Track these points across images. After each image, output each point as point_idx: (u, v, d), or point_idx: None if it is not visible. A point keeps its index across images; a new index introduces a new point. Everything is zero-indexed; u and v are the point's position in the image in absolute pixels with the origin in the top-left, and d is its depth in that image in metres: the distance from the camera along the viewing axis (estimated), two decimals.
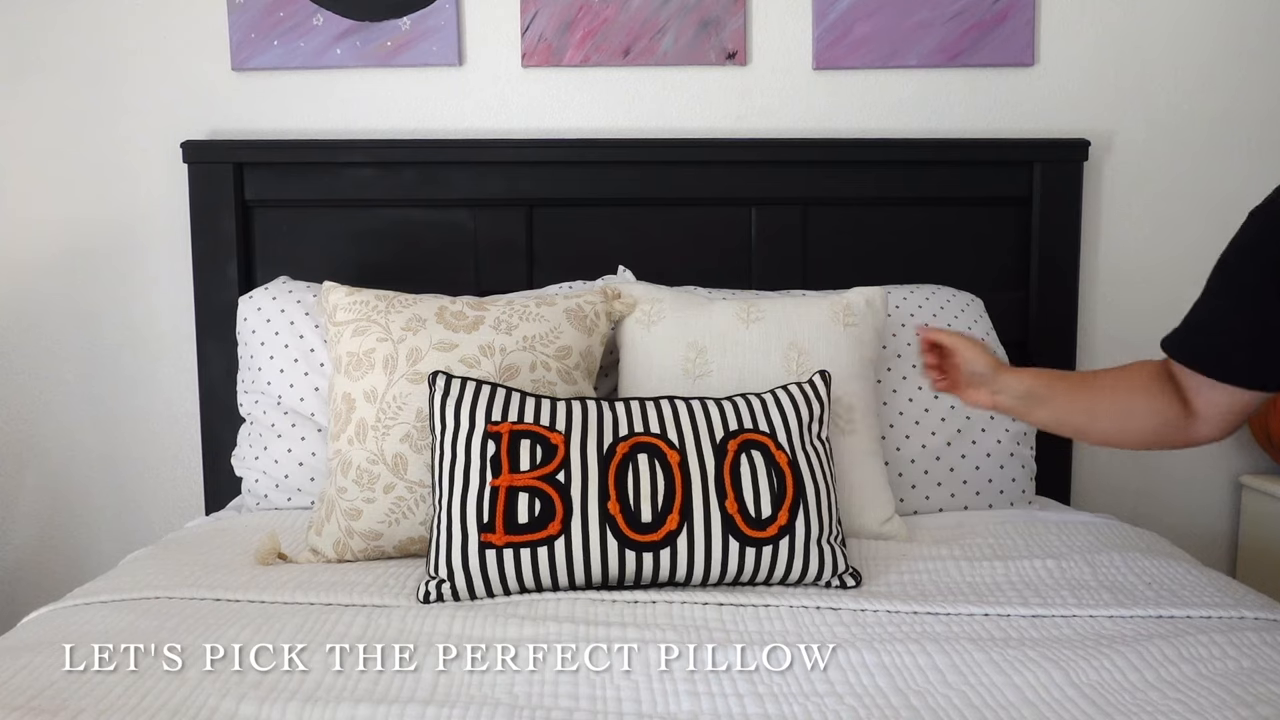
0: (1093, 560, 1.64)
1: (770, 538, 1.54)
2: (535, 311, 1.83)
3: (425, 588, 1.51)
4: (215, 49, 2.27)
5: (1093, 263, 2.35)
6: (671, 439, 1.58)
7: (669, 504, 1.52)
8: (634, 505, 1.51)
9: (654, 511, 1.51)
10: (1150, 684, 1.22)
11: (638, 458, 1.55)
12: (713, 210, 2.27)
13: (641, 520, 1.51)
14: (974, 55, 2.28)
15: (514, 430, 1.56)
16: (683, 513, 1.52)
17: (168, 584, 1.55)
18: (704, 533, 1.52)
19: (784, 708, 1.17)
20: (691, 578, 1.53)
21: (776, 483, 1.57)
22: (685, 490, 1.53)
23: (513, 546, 1.50)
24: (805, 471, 1.60)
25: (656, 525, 1.51)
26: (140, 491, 2.36)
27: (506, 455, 1.53)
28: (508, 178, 2.24)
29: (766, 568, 1.54)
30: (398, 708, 1.14)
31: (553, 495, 1.51)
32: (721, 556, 1.52)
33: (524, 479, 1.52)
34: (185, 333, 2.30)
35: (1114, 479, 2.40)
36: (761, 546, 1.53)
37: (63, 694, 1.18)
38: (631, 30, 2.26)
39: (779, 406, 1.66)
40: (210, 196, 2.21)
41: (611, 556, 1.50)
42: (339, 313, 1.83)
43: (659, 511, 1.51)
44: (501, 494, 1.51)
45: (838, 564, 1.57)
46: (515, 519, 1.50)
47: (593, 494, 1.51)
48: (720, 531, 1.53)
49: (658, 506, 1.52)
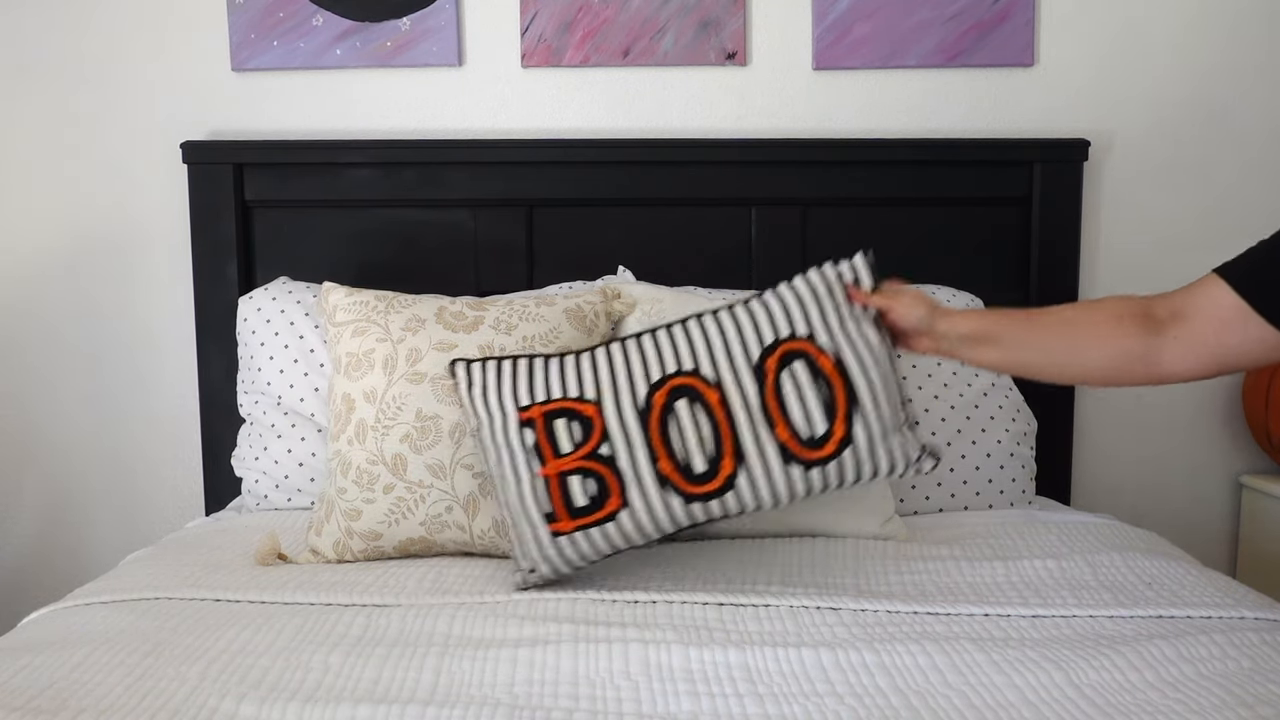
0: (1093, 560, 1.64)
1: (831, 455, 1.48)
2: (535, 311, 1.83)
3: (517, 578, 1.53)
4: (215, 49, 2.27)
5: (1093, 263, 2.35)
6: (706, 374, 1.50)
7: (719, 449, 1.47)
8: (685, 460, 1.48)
9: (706, 460, 1.47)
10: (1150, 684, 1.22)
11: (675, 406, 1.49)
12: (713, 210, 2.27)
13: (696, 473, 1.48)
14: (974, 55, 2.28)
15: (546, 412, 1.52)
16: (735, 455, 1.47)
17: (168, 584, 1.55)
18: (762, 468, 1.47)
19: (784, 708, 1.17)
20: (762, 507, 1.51)
21: (827, 392, 1.48)
22: (733, 430, 1.47)
23: (581, 529, 1.49)
24: (855, 370, 1.49)
25: (713, 473, 1.47)
26: (140, 492, 2.36)
27: (546, 441, 1.51)
28: (508, 178, 2.24)
29: (835, 481, 1.50)
30: (398, 708, 1.14)
31: (603, 472, 1.48)
32: (786, 485, 1.48)
33: (569, 462, 1.49)
34: (185, 333, 2.30)
35: (1114, 479, 2.40)
36: (825, 465, 1.48)
37: (63, 694, 1.18)
38: (631, 30, 2.26)
39: (815, 298, 1.54)
40: (210, 197, 2.21)
41: (678, 513, 1.48)
42: (339, 313, 1.83)
43: (712, 459, 1.47)
44: (554, 482, 1.49)
45: (908, 454, 1.51)
46: (573, 504, 1.48)
47: (642, 460, 1.47)
48: (779, 462, 1.47)
49: (708, 454, 1.47)
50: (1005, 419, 2.00)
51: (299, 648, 1.31)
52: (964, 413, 1.98)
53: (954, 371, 2.02)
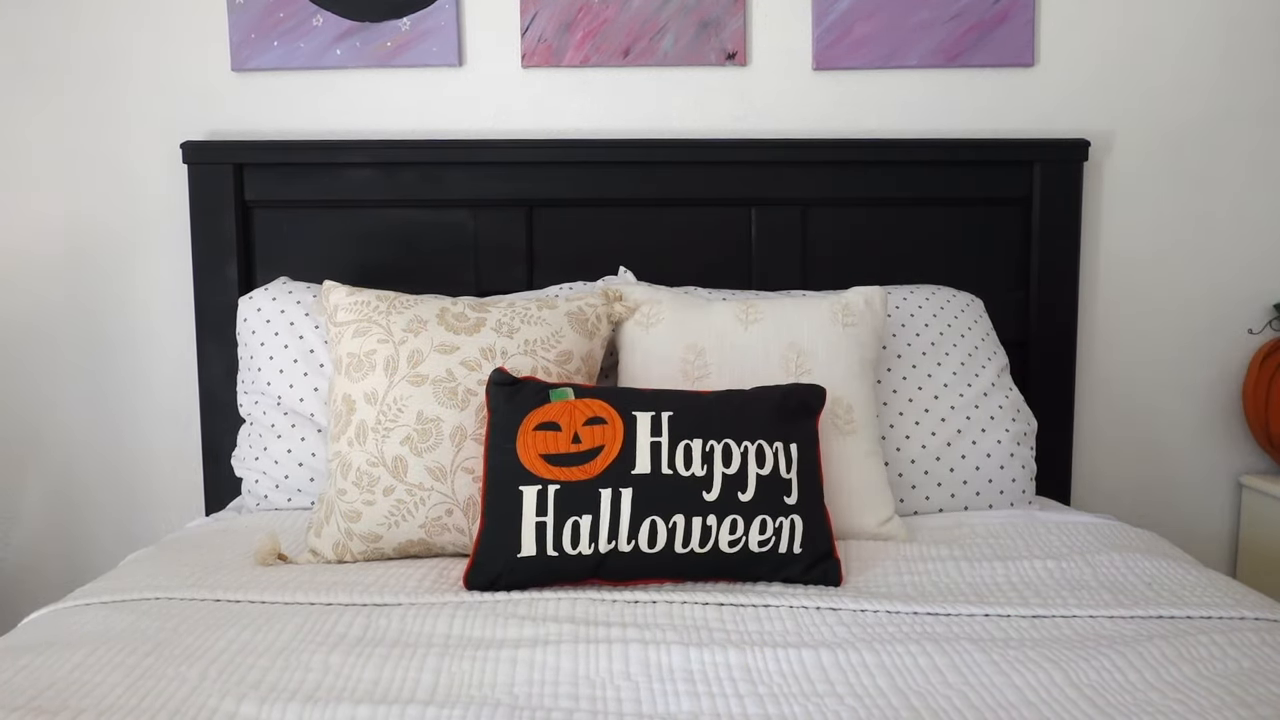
0: (1093, 561, 1.64)
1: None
2: (537, 315, 1.83)
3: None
4: (215, 49, 2.27)
5: (1093, 263, 2.35)
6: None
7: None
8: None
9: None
10: (1150, 684, 1.22)
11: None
12: (713, 210, 2.28)
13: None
14: (974, 55, 2.29)
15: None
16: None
17: (168, 584, 1.55)
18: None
19: (784, 708, 1.17)
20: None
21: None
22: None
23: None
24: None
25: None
26: (141, 492, 2.37)
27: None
28: (508, 178, 2.24)
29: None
30: (398, 708, 1.14)
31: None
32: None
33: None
34: (185, 333, 2.30)
35: (1114, 479, 2.40)
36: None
37: (63, 694, 1.18)
38: (631, 31, 2.26)
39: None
40: (210, 197, 2.21)
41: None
42: (340, 313, 1.83)
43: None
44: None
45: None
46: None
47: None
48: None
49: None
50: (1005, 419, 2.00)
51: (299, 648, 1.31)
52: (964, 413, 1.98)
53: (954, 371, 2.02)
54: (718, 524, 1.54)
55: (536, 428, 1.58)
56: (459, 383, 1.72)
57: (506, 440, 1.59)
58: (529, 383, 1.66)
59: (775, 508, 1.57)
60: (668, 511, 1.53)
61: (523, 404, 1.61)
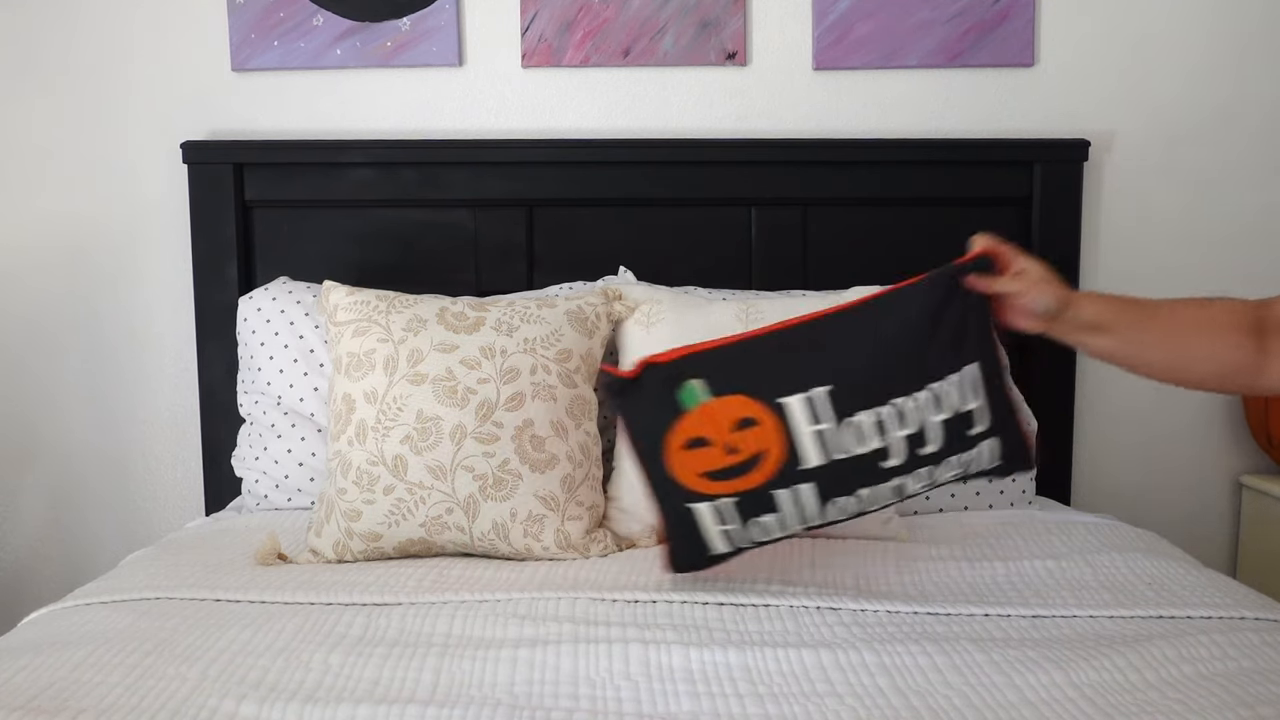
0: (1093, 561, 1.64)
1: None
2: (536, 313, 1.83)
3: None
4: (215, 49, 2.27)
5: (1093, 263, 2.35)
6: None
7: None
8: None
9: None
10: (1150, 684, 1.22)
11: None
12: (713, 210, 2.27)
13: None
14: (974, 55, 2.28)
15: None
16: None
17: (168, 584, 1.55)
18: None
19: (784, 708, 1.17)
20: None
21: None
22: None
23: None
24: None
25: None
26: (140, 492, 2.36)
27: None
28: (508, 178, 2.24)
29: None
30: (398, 708, 1.14)
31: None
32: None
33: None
34: (185, 333, 2.30)
35: (1114, 479, 2.40)
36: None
37: (63, 694, 1.18)
38: (631, 30, 2.26)
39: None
40: (210, 197, 2.21)
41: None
42: (339, 313, 1.83)
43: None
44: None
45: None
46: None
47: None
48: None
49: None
50: None
51: (299, 648, 1.31)
52: None
53: None
54: (907, 480, 1.48)
55: (684, 447, 1.44)
56: (459, 381, 1.73)
57: (654, 449, 1.46)
58: (644, 377, 1.46)
59: (964, 443, 1.45)
60: (852, 487, 1.46)
61: (656, 415, 1.45)
